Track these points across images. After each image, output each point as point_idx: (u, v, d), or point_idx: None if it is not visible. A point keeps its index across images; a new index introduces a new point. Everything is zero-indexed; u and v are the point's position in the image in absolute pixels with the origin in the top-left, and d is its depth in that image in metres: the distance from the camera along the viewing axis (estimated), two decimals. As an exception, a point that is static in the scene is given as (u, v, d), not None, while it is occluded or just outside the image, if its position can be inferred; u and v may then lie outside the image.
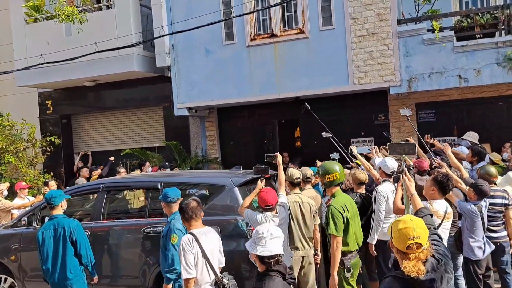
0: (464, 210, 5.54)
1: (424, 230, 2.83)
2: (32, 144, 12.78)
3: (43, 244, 5.45)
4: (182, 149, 11.94)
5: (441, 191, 4.75)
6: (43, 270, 5.55)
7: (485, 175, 5.99)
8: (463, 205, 5.56)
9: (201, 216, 4.65)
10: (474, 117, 10.33)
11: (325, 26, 10.07)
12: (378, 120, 11.12)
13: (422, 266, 2.74)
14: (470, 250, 5.55)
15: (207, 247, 4.48)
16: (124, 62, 11.42)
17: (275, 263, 3.31)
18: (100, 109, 13.51)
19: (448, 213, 4.79)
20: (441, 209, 4.74)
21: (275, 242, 3.36)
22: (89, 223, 6.48)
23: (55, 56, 11.24)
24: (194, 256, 4.40)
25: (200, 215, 4.64)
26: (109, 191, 6.77)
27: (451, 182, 4.80)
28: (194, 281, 4.40)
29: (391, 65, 9.66)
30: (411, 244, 2.75)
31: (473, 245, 5.53)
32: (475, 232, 5.51)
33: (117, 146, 13.28)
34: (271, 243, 3.34)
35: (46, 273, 5.53)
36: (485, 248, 5.54)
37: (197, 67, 11.04)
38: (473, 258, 5.55)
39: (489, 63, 9.03)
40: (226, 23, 10.70)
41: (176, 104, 11.34)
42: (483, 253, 5.53)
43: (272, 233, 3.39)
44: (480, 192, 5.51)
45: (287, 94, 10.53)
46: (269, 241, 3.34)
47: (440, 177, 4.77)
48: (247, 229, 5.65)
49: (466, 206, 5.52)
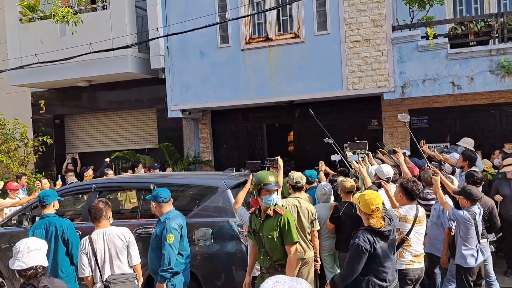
0: (457, 217, 5.49)
1: (380, 199, 4.22)
2: (24, 144, 12.72)
3: None
4: (173, 150, 11.91)
5: (408, 197, 5.00)
6: None
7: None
8: (457, 212, 5.50)
9: (109, 216, 5.01)
10: (466, 124, 10.39)
11: (320, 31, 10.10)
12: (371, 126, 11.16)
13: (383, 221, 4.14)
14: (463, 257, 5.50)
15: (101, 248, 4.84)
16: (119, 63, 11.40)
17: (33, 275, 3.49)
18: (94, 110, 13.47)
19: (420, 217, 4.97)
20: (410, 214, 4.94)
21: (33, 254, 3.53)
22: (80, 223, 6.45)
23: (49, 56, 11.21)
24: (86, 257, 4.83)
25: (107, 216, 4.98)
26: (101, 192, 6.75)
27: (417, 188, 4.98)
28: (92, 278, 4.87)
29: (385, 71, 9.70)
30: (374, 208, 4.14)
31: (466, 253, 5.48)
32: (468, 240, 5.46)
33: (110, 148, 13.24)
34: (28, 256, 3.51)
35: None
36: (477, 256, 5.51)
37: (191, 69, 11.04)
38: (465, 266, 5.50)
39: (482, 71, 9.09)
40: (221, 26, 10.70)
41: (170, 106, 11.32)
42: (475, 261, 5.49)
43: (29, 246, 3.56)
44: (470, 197, 5.48)
45: (281, 98, 10.54)
46: (26, 254, 3.51)
47: (405, 183, 5.02)
48: (239, 231, 5.65)
49: (460, 213, 5.46)
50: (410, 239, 4.95)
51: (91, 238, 4.88)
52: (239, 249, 5.64)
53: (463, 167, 7.35)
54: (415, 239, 4.98)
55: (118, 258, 4.89)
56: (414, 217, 4.94)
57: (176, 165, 11.57)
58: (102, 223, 4.97)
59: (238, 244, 5.68)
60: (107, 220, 5.00)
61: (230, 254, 5.57)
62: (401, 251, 4.94)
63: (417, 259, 4.99)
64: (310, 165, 8.57)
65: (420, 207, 5.14)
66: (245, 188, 5.44)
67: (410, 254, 4.94)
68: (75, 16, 10.07)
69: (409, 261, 4.93)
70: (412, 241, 4.96)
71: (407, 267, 4.91)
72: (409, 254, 4.94)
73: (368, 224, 4.18)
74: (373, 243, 4.08)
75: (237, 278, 5.65)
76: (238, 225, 5.73)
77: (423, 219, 5.07)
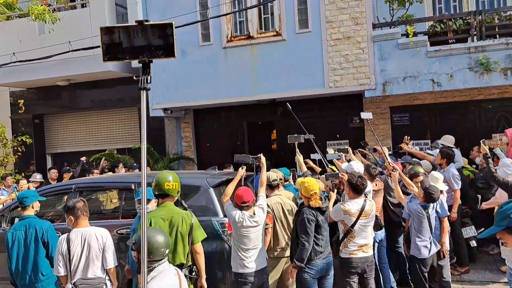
0: (411, 210, 5.91)
1: (317, 185, 5.20)
2: (3, 144, 12.52)
3: (13, 245, 5.34)
4: (153, 151, 11.77)
5: (354, 191, 5.39)
6: (11, 272, 5.43)
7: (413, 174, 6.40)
8: (410, 205, 5.94)
9: (87, 215, 4.95)
10: (446, 121, 10.51)
11: (302, 29, 10.12)
12: (353, 123, 11.22)
13: (320, 201, 5.18)
14: (417, 248, 5.86)
15: (77, 248, 4.77)
16: (99, 62, 11.11)
17: None
18: (74, 109, 13.32)
19: (365, 211, 5.34)
20: (354, 207, 5.34)
21: None
22: (61, 224, 6.37)
23: (28, 55, 11.06)
24: (62, 256, 4.77)
25: (86, 215, 4.93)
26: (82, 192, 6.67)
27: (361, 183, 5.37)
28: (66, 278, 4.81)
29: (366, 69, 9.76)
30: (312, 192, 5.13)
31: (420, 244, 5.83)
32: (422, 232, 5.83)
33: (91, 147, 13.12)
34: None
35: (15, 276, 5.40)
36: (431, 248, 5.85)
37: (173, 68, 10.96)
38: (419, 256, 5.85)
39: (461, 68, 9.20)
40: (203, 24, 10.66)
41: (152, 105, 11.24)
42: (429, 252, 5.84)
43: None
44: (429, 198, 5.79)
45: (264, 96, 10.55)
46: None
47: (351, 179, 5.42)
48: (222, 230, 5.63)
49: (413, 206, 5.88)
50: (355, 231, 5.32)
51: (69, 237, 4.81)
52: (222, 248, 5.64)
53: (441, 164, 7.47)
54: (359, 231, 5.34)
55: (94, 260, 4.82)
56: (359, 211, 5.31)
57: (157, 164, 11.47)
58: (85, 221, 4.91)
59: (221, 243, 5.67)
60: (86, 219, 4.93)
61: (213, 253, 5.54)
62: (345, 241, 5.36)
63: (361, 249, 5.37)
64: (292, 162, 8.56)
65: (368, 201, 5.47)
66: (234, 181, 5.45)
67: (355, 244, 5.34)
68: (53, 14, 9.94)
69: (353, 250, 5.34)
70: (356, 233, 5.33)
71: (351, 256, 5.34)
72: (353, 244, 5.34)
73: (308, 204, 5.18)
74: (316, 215, 5.14)
75: (220, 277, 5.64)
76: (220, 224, 5.71)
77: (370, 212, 5.41)
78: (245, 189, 5.28)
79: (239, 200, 5.13)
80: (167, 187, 4.82)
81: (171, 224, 4.76)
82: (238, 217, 5.10)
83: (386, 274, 6.56)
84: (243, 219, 5.09)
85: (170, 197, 4.90)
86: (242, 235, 5.13)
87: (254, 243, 5.17)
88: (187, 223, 4.83)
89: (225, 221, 5.71)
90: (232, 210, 5.19)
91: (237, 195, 5.19)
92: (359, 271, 5.36)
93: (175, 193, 4.90)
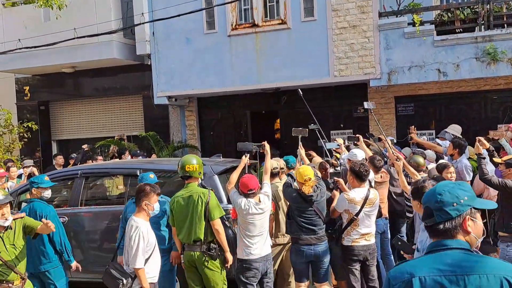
0: None
1: (311, 172, 5.27)
2: (9, 130, 12.57)
3: None
4: (159, 139, 11.80)
5: (358, 178, 5.34)
6: None
7: (414, 164, 6.29)
8: None
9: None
10: (452, 111, 10.47)
11: (307, 17, 10.07)
12: (357, 113, 11.19)
13: (311, 188, 5.22)
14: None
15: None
16: (104, 49, 11.28)
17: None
18: (79, 96, 13.34)
19: (370, 199, 5.32)
20: (358, 196, 5.30)
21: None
22: (67, 209, 6.42)
23: (33, 41, 11.05)
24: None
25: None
26: (88, 178, 6.71)
27: (365, 170, 5.34)
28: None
29: (371, 58, 9.72)
30: (306, 178, 5.19)
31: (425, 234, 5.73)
32: None
33: (95, 134, 13.14)
34: None
35: None
36: None
37: (177, 55, 10.96)
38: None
39: (468, 58, 9.14)
40: (208, 12, 10.62)
41: (156, 93, 11.25)
42: None
43: None
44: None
45: (268, 85, 10.52)
46: None
47: (354, 166, 5.40)
48: (226, 217, 5.66)
49: None
50: (359, 220, 5.32)
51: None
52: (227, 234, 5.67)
53: (453, 155, 7.33)
54: (363, 220, 5.34)
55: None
56: (363, 199, 5.28)
57: (161, 152, 11.51)
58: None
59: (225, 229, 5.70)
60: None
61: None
62: (349, 229, 5.36)
63: (364, 237, 5.38)
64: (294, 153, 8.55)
65: (372, 190, 5.46)
66: (238, 169, 5.53)
67: (358, 233, 5.34)
68: (59, 0, 9.93)
69: (355, 238, 5.34)
70: (360, 221, 5.33)
71: (353, 244, 5.35)
72: (356, 233, 5.35)
73: (301, 189, 5.26)
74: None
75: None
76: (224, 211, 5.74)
77: (374, 201, 5.40)
78: (250, 176, 5.30)
79: (245, 188, 5.16)
80: (188, 169, 5.25)
81: (188, 202, 5.18)
82: (244, 204, 5.14)
83: (390, 265, 6.57)
84: (249, 206, 5.12)
85: (193, 178, 5.32)
86: (247, 222, 5.16)
87: (260, 230, 5.22)
88: (202, 201, 5.15)
89: (229, 208, 5.75)
90: (237, 197, 5.23)
91: (242, 183, 5.21)
92: (361, 259, 5.40)
93: (197, 174, 5.31)
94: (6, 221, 4.54)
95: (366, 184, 5.45)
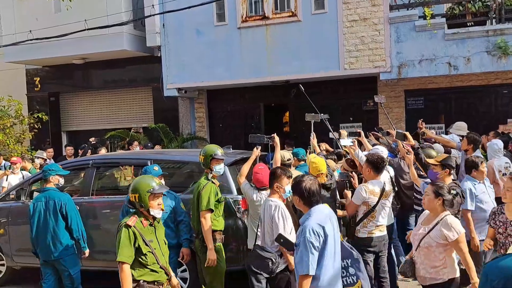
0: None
1: (324, 165, 5.37)
2: (19, 121, 12.68)
3: (33, 214, 5.49)
4: (168, 131, 11.86)
5: (375, 170, 5.24)
6: (33, 242, 5.57)
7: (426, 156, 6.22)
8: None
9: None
10: (462, 106, 10.43)
11: (318, 9, 10.05)
12: (367, 106, 11.17)
13: (325, 178, 5.36)
14: None
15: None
16: (114, 41, 11.33)
17: None
18: (89, 88, 13.41)
19: (386, 192, 5.27)
20: (377, 188, 5.21)
21: None
22: (78, 198, 6.47)
23: (44, 32, 11.12)
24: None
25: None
26: (99, 168, 6.77)
27: (382, 160, 5.28)
28: None
29: (382, 51, 9.69)
30: (319, 173, 5.22)
31: None
32: None
33: (105, 126, 13.23)
34: None
35: (35, 244, 5.56)
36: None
37: (187, 47, 10.98)
38: None
39: (479, 51, 9.10)
40: (218, 4, 10.63)
41: (166, 85, 11.28)
42: None
43: None
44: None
45: (278, 78, 10.53)
46: None
47: (370, 158, 5.32)
48: (236, 208, 5.70)
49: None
50: (376, 211, 5.27)
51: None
52: (237, 224, 5.71)
53: (467, 150, 7.25)
54: (380, 212, 5.30)
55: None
56: (381, 191, 5.23)
57: (171, 143, 11.56)
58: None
59: (235, 220, 5.73)
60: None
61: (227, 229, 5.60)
62: (365, 221, 5.28)
63: (378, 228, 5.34)
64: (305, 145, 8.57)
65: (387, 182, 5.42)
66: (250, 161, 5.53)
67: (374, 224, 5.28)
68: (71, -9, 9.96)
69: (371, 230, 5.29)
70: (377, 213, 5.28)
71: (369, 235, 5.28)
72: (372, 224, 5.27)
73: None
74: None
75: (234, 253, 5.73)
76: (234, 202, 5.78)
77: (390, 193, 5.40)
78: (264, 172, 5.23)
79: (260, 184, 5.19)
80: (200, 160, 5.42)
81: (193, 192, 5.37)
82: (255, 197, 5.19)
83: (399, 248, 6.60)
84: (260, 198, 5.15)
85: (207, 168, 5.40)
86: (258, 214, 5.19)
87: (270, 222, 5.24)
88: (197, 191, 5.24)
89: (239, 199, 5.78)
90: (249, 190, 5.27)
91: (257, 179, 5.22)
92: (377, 250, 5.37)
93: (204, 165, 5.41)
94: (162, 212, 4.09)
95: (381, 177, 5.38)
